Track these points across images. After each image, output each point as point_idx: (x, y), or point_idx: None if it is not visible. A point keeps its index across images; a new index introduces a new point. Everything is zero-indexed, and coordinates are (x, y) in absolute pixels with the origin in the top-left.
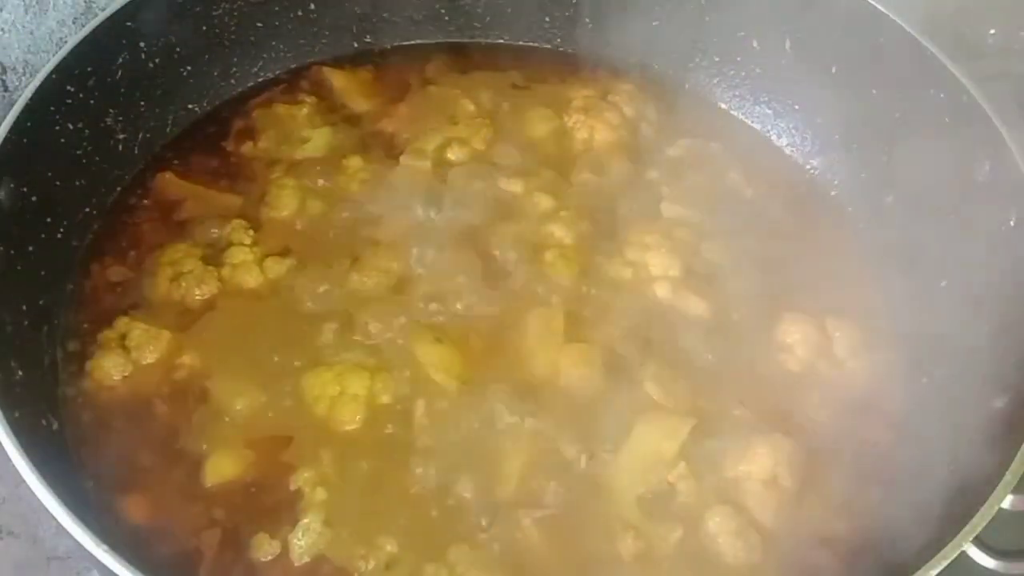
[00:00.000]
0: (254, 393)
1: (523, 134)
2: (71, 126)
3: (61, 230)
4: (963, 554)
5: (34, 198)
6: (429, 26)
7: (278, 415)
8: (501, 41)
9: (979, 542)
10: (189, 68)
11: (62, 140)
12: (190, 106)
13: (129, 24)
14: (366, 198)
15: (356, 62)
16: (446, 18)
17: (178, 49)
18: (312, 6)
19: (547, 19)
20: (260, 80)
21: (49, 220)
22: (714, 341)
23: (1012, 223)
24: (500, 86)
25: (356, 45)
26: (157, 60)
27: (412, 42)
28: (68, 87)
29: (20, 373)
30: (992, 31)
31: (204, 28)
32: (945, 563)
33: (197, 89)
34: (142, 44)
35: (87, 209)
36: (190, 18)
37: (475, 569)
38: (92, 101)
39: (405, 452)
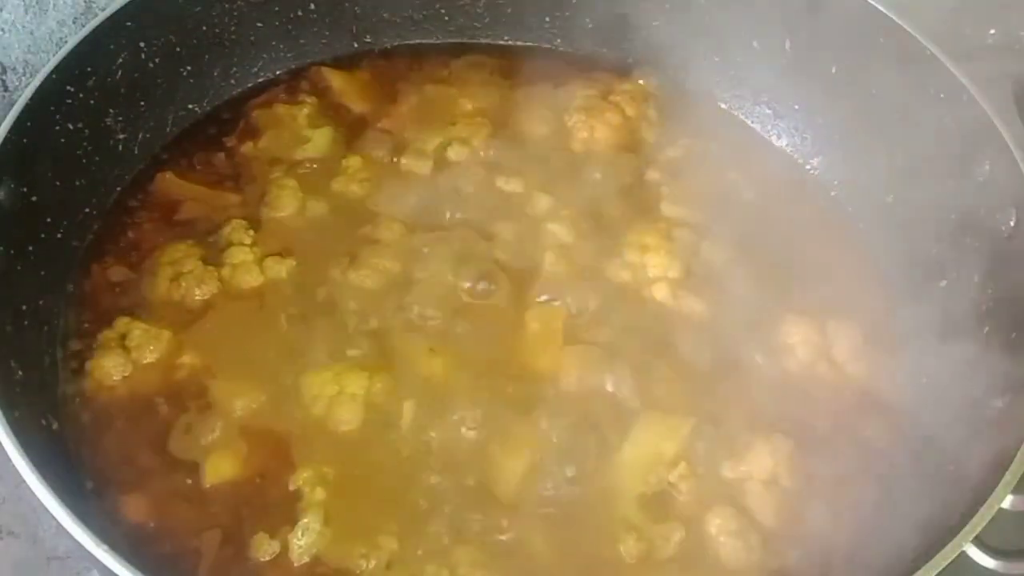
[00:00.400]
0: (253, 393)
1: (523, 134)
2: (71, 126)
3: (61, 230)
4: (963, 554)
5: (34, 198)
6: (429, 26)
7: (277, 415)
8: (501, 41)
9: (979, 542)
10: (189, 68)
11: (62, 140)
12: (190, 106)
13: (129, 24)
14: (366, 198)
15: (356, 62)
16: (446, 18)
17: (178, 49)
18: (312, 6)
19: (547, 19)
20: (260, 80)
21: (49, 220)
22: (714, 342)
23: (1012, 223)
24: (500, 86)
25: (356, 45)
26: (157, 60)
27: (412, 42)
28: (68, 87)
29: (20, 373)
30: (992, 31)
31: (204, 28)
32: (945, 563)
33: (197, 89)
34: (142, 44)
35: (87, 209)
36: (190, 18)
37: (476, 570)
38: (92, 101)
39: (404, 452)
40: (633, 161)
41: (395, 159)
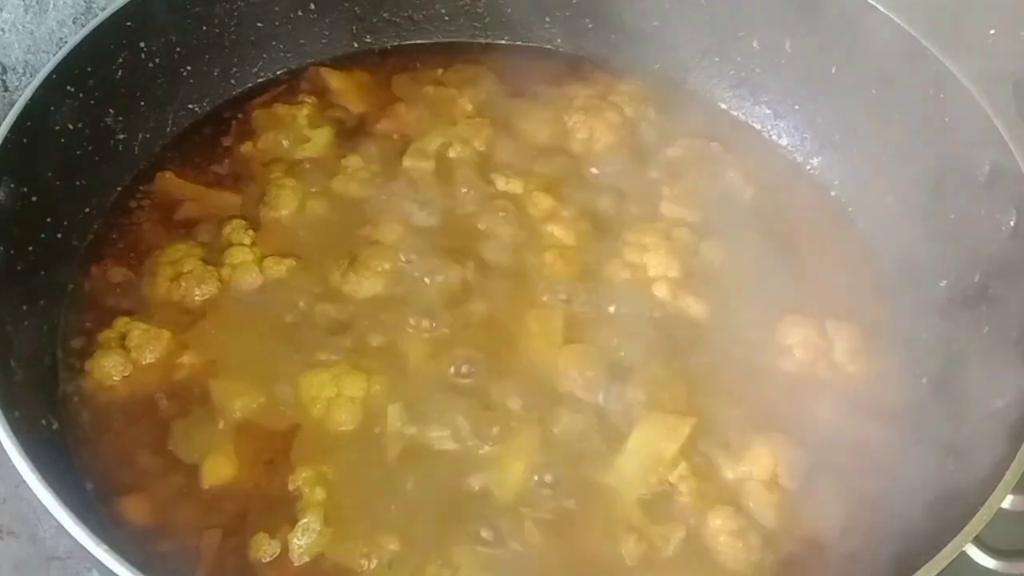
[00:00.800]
0: (253, 393)
1: (523, 134)
2: (71, 126)
3: (61, 230)
4: (963, 554)
5: (34, 198)
6: (429, 26)
7: (277, 415)
8: (501, 41)
9: (979, 542)
10: (189, 68)
11: (62, 140)
12: (190, 106)
13: (129, 24)
14: (366, 198)
15: (356, 62)
16: (446, 18)
17: (178, 49)
18: (312, 6)
19: (547, 19)
20: (260, 80)
21: (49, 220)
22: (713, 342)
23: (1012, 223)
24: (500, 86)
25: (356, 45)
26: (157, 60)
27: (412, 42)
28: (68, 87)
29: (20, 373)
30: (992, 31)
31: (204, 28)
32: (945, 563)
33: (197, 89)
34: (142, 44)
35: (87, 209)
36: (190, 18)
37: (477, 570)
38: (92, 101)
39: (404, 453)
40: (633, 161)
41: (395, 159)
